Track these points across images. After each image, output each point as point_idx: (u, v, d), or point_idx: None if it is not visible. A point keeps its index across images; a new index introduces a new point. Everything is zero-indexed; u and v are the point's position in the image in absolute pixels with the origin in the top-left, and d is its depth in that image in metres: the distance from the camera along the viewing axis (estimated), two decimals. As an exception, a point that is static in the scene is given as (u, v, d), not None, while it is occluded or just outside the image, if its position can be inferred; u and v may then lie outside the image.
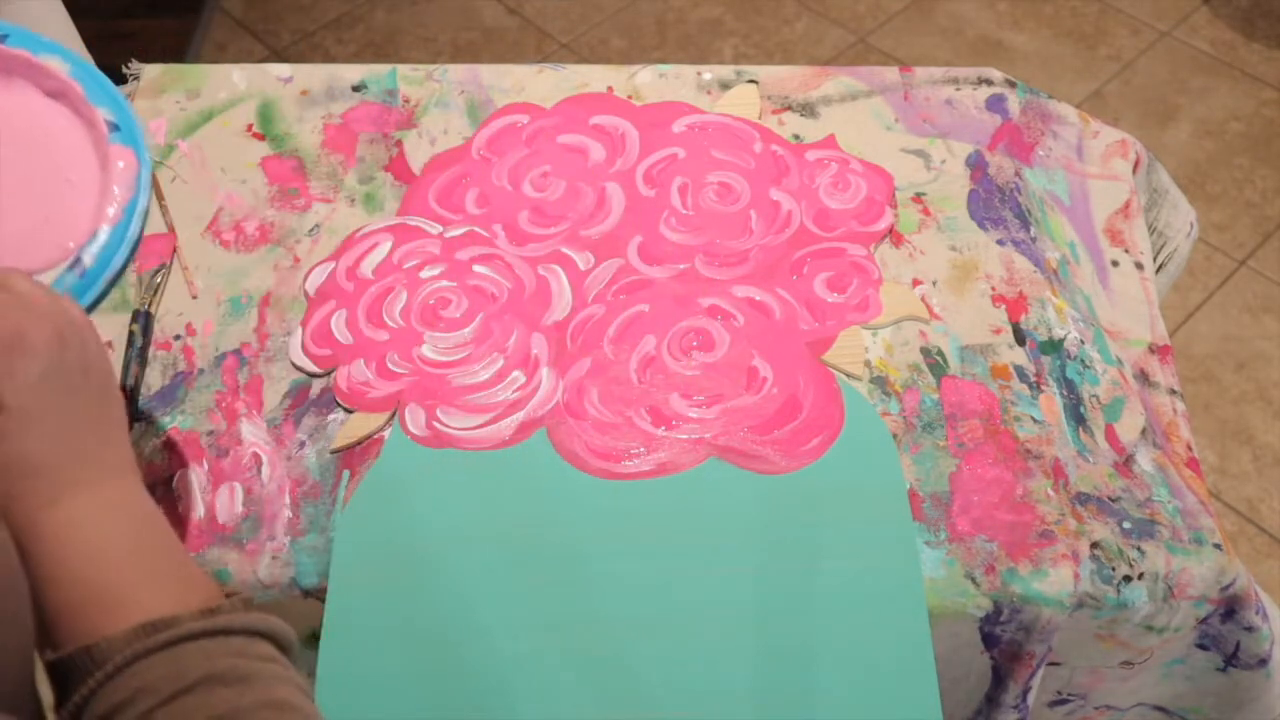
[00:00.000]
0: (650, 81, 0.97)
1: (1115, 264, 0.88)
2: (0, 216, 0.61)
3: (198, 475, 0.74)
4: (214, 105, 0.95)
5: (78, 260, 0.61)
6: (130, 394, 0.77)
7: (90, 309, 0.61)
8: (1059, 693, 0.78)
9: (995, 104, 0.96)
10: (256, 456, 0.75)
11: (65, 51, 0.66)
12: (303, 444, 0.75)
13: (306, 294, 0.83)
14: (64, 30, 0.94)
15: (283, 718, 0.43)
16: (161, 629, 0.43)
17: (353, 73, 0.98)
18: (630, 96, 0.96)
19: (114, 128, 0.64)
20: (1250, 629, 0.72)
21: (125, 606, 0.44)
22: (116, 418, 0.51)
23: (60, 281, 0.61)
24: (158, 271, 0.84)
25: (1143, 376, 0.82)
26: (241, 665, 0.44)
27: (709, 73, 0.97)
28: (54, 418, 0.47)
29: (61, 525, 0.46)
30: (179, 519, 0.72)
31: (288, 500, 0.73)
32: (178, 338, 0.81)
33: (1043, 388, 0.78)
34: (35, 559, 0.45)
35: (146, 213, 0.64)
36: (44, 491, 0.46)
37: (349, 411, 0.77)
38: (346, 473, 0.74)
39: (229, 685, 0.43)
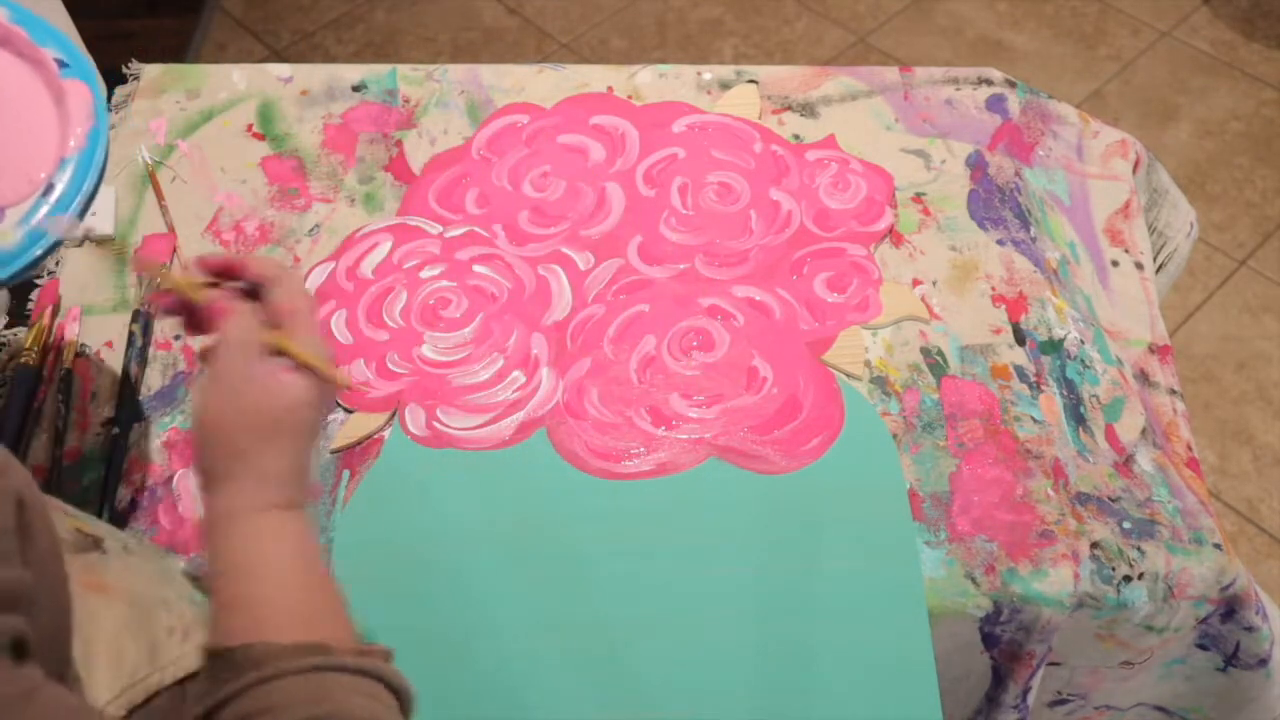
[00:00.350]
0: (650, 81, 0.97)
1: (1115, 264, 0.88)
2: None
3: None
4: (214, 105, 0.95)
5: (50, 188, 0.63)
6: (130, 394, 0.77)
7: (69, 233, 0.63)
8: (1059, 693, 0.78)
9: (995, 104, 0.96)
10: (256, 456, 0.74)
11: (6, 2, 0.67)
12: (303, 444, 0.75)
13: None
14: (64, 30, 0.94)
15: None
16: (317, 653, 0.46)
17: (353, 73, 0.98)
18: (630, 96, 0.96)
19: (63, 64, 0.66)
20: (1250, 629, 0.72)
21: (291, 624, 0.47)
22: (311, 467, 0.55)
23: (35, 210, 0.62)
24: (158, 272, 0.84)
25: (1143, 376, 0.82)
26: (370, 709, 0.46)
27: (709, 73, 0.97)
28: (304, 441, 0.53)
29: (267, 530, 0.50)
30: (179, 519, 0.72)
31: (288, 500, 0.73)
32: (177, 338, 0.81)
33: (1043, 388, 0.78)
34: (228, 549, 0.49)
35: (108, 137, 0.66)
36: (267, 496, 0.51)
37: (349, 411, 0.76)
38: (346, 473, 0.74)
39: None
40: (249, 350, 0.52)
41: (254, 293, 0.55)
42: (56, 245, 0.63)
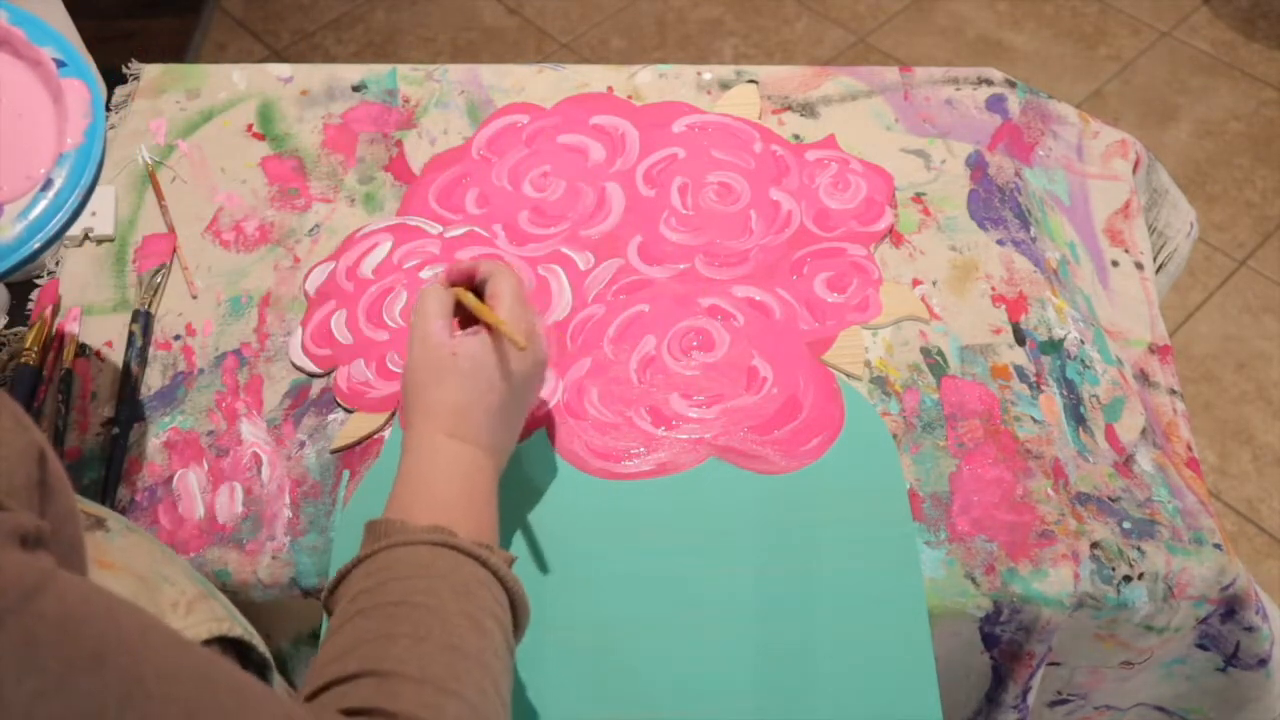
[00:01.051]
0: (650, 81, 0.97)
1: (1115, 264, 0.88)
2: None
3: (198, 475, 0.74)
4: (214, 105, 0.95)
5: (49, 182, 0.64)
6: (130, 394, 0.77)
7: (65, 229, 0.63)
8: (1059, 693, 0.78)
9: (995, 104, 0.96)
10: (256, 456, 0.75)
11: (4, 4, 0.68)
12: (303, 444, 0.75)
13: (306, 294, 0.83)
14: (64, 30, 0.94)
15: (476, 631, 0.52)
16: (440, 533, 0.56)
17: (353, 73, 0.98)
18: (630, 96, 0.96)
19: (60, 64, 0.67)
20: (1250, 629, 0.72)
21: (434, 515, 0.58)
22: (512, 437, 0.67)
23: (34, 204, 0.63)
24: (158, 271, 0.84)
25: (1143, 376, 0.82)
26: (469, 585, 0.54)
27: (709, 73, 0.97)
28: (496, 396, 0.64)
29: (428, 449, 0.62)
30: (179, 519, 0.72)
31: (288, 500, 0.73)
32: (178, 338, 0.81)
33: (1043, 388, 0.78)
34: (410, 460, 0.62)
35: (106, 135, 0.66)
36: (448, 427, 0.62)
37: (349, 411, 0.76)
38: (346, 473, 0.74)
39: (452, 589, 0.53)
40: (436, 313, 0.65)
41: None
42: (55, 240, 0.63)
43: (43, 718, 0.34)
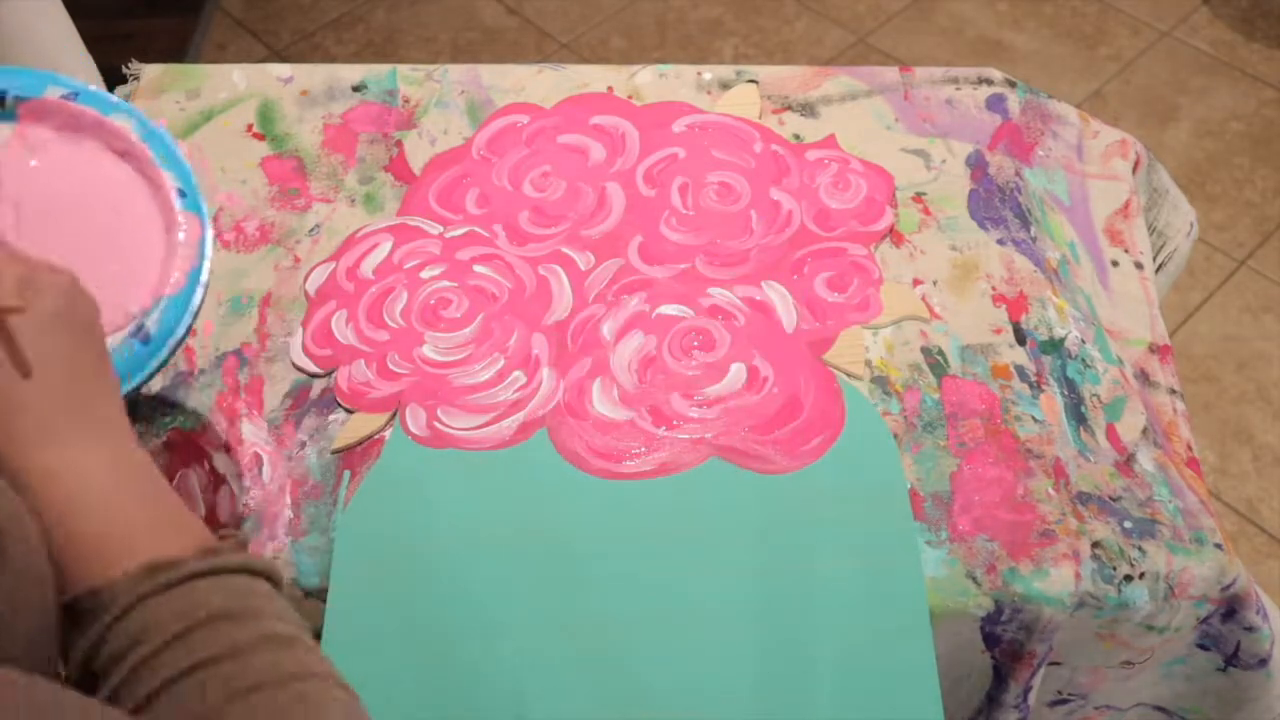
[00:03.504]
0: (650, 81, 0.97)
1: (1115, 264, 0.88)
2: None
3: (199, 475, 0.74)
4: (214, 105, 0.95)
5: (140, 327, 0.62)
6: (131, 394, 0.77)
7: (152, 375, 0.62)
8: (1059, 692, 0.78)
9: (995, 104, 0.96)
10: (257, 457, 0.75)
11: (133, 111, 0.66)
12: (303, 444, 0.75)
13: (307, 294, 0.83)
14: (64, 30, 0.94)
15: (289, 650, 0.45)
16: (165, 569, 0.45)
17: (353, 73, 0.98)
18: (630, 96, 0.96)
19: (180, 193, 0.65)
20: (1250, 629, 0.72)
21: (128, 551, 0.45)
22: (112, 377, 0.52)
23: (125, 348, 0.61)
24: (158, 272, 0.84)
25: (1143, 376, 0.82)
26: (245, 602, 0.46)
27: (709, 73, 0.97)
28: (56, 364, 0.48)
29: (56, 465, 0.47)
30: (180, 519, 0.72)
31: (289, 500, 0.73)
32: (178, 338, 0.81)
33: (1043, 387, 0.78)
34: (39, 502, 0.46)
35: (208, 283, 0.64)
36: (38, 429, 0.47)
37: (350, 412, 0.76)
38: (347, 473, 0.74)
39: (233, 620, 0.44)
40: None
41: None
42: (136, 390, 0.61)
43: None
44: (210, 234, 0.65)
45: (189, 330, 0.63)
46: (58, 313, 0.49)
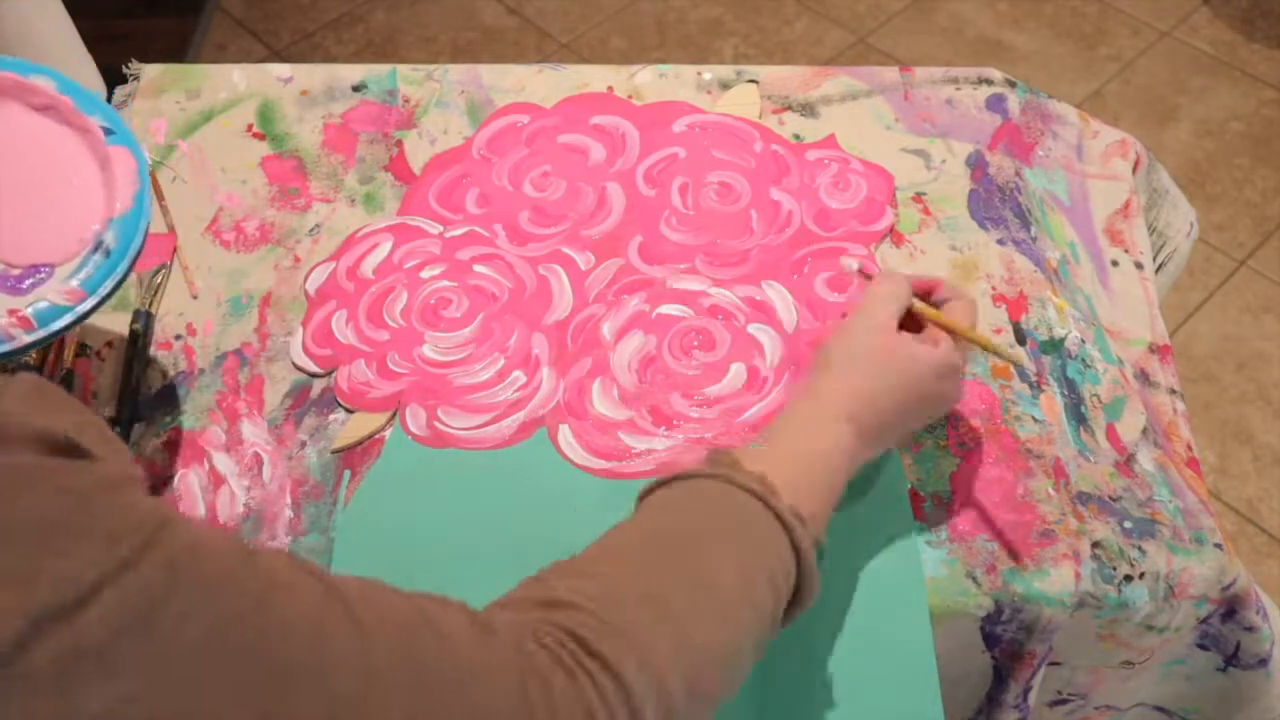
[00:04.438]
0: (650, 81, 0.97)
1: (1115, 264, 0.88)
2: (13, 219, 0.64)
3: (199, 475, 0.74)
4: (214, 105, 0.95)
5: (99, 243, 0.64)
6: (131, 394, 0.77)
7: (115, 290, 0.64)
8: (1059, 692, 0.78)
9: (995, 104, 0.96)
10: (257, 456, 0.75)
11: (52, 72, 0.69)
12: (304, 444, 0.75)
13: (307, 294, 0.83)
14: (64, 30, 0.94)
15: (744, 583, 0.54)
16: (765, 487, 0.56)
17: (353, 73, 0.98)
18: (630, 96, 0.96)
19: (109, 132, 0.68)
20: (1250, 629, 0.72)
21: (774, 476, 0.57)
22: (898, 437, 0.69)
23: (87, 263, 0.64)
24: (158, 271, 0.84)
25: (1143, 376, 0.82)
26: (762, 541, 0.56)
27: (709, 73, 0.97)
28: (906, 393, 0.65)
29: (834, 433, 0.62)
30: (180, 519, 0.72)
31: (289, 500, 0.73)
32: (178, 338, 0.81)
33: (1043, 387, 0.78)
34: (799, 433, 0.62)
35: (152, 199, 0.67)
36: (835, 408, 0.62)
37: (350, 411, 0.76)
38: (347, 473, 0.74)
39: (741, 544, 0.55)
40: (890, 299, 0.65)
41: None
42: (105, 300, 0.64)
43: (190, 633, 0.37)
44: (147, 158, 0.68)
45: (142, 246, 0.66)
46: (957, 384, 0.67)
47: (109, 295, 0.64)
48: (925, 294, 0.69)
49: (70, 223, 0.65)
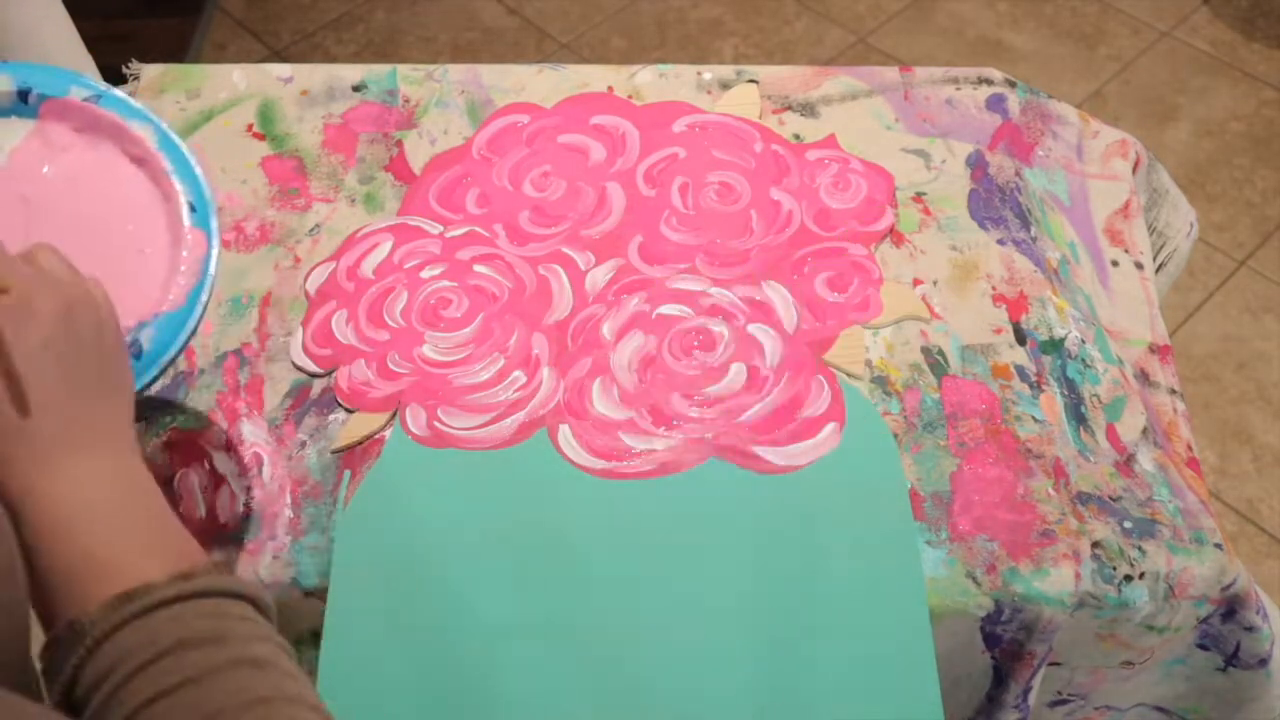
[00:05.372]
0: (650, 81, 0.97)
1: (1115, 264, 0.88)
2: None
3: (199, 475, 0.74)
4: (214, 105, 0.95)
5: (134, 342, 0.61)
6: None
7: (143, 391, 0.60)
8: (1059, 693, 0.78)
9: (995, 104, 0.96)
10: (257, 456, 0.75)
11: (152, 117, 0.66)
12: (304, 444, 0.75)
13: (307, 294, 0.83)
14: (64, 30, 0.94)
15: (259, 674, 0.44)
16: (137, 598, 0.45)
17: (353, 73, 0.98)
18: (630, 96, 0.96)
19: (190, 207, 0.64)
20: (1251, 629, 0.72)
21: (109, 576, 0.46)
22: (122, 392, 0.52)
23: None
24: (158, 271, 0.84)
25: (1143, 376, 0.82)
26: (215, 626, 0.45)
27: (709, 73, 0.97)
28: (51, 385, 0.48)
29: (49, 490, 0.47)
30: (180, 519, 0.72)
31: (289, 500, 0.73)
32: (178, 338, 0.81)
33: (1043, 387, 0.78)
34: (24, 524, 0.46)
35: (208, 303, 0.63)
36: (33, 455, 0.47)
37: (350, 411, 0.76)
38: (347, 473, 0.74)
39: (201, 647, 0.44)
40: None
41: None
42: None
43: None
44: (216, 253, 0.64)
45: (183, 349, 0.62)
46: (47, 342, 0.48)
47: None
48: None
49: (120, 303, 0.58)
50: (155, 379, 0.61)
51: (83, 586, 0.45)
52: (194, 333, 0.63)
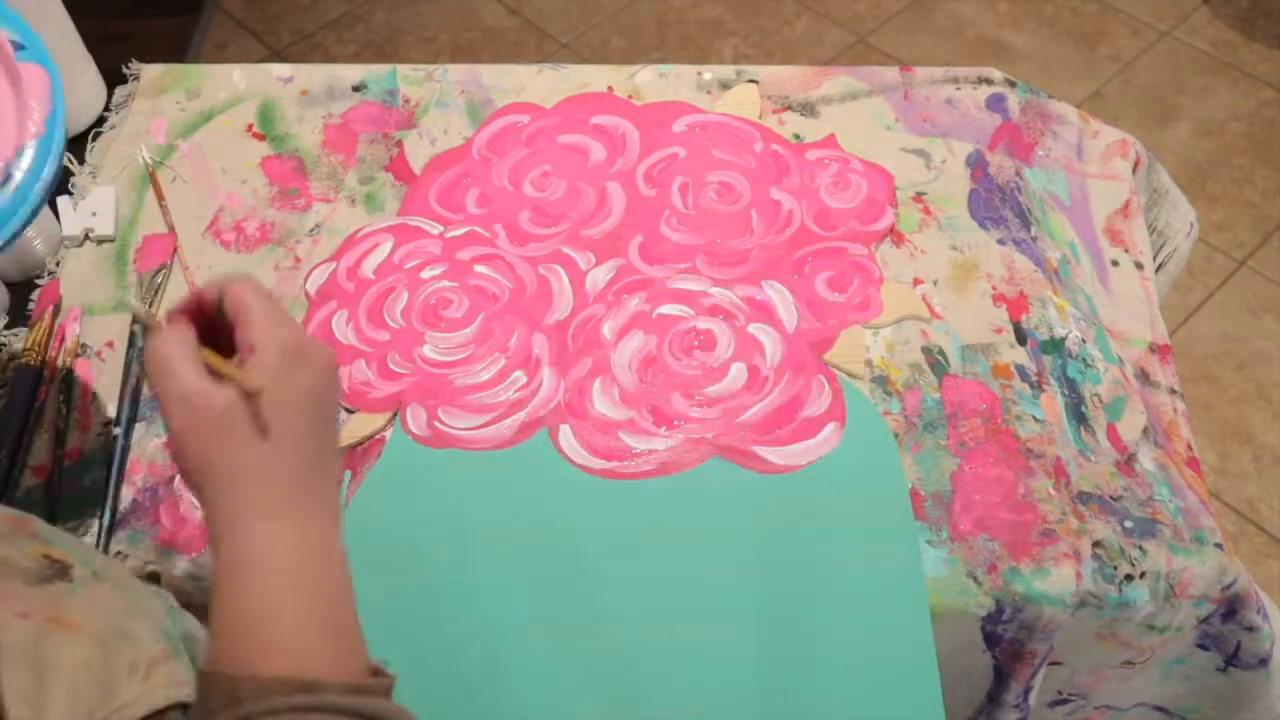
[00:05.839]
0: (650, 81, 0.97)
1: (1115, 264, 0.88)
2: None
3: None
4: (214, 105, 0.95)
5: (9, 177, 0.60)
6: (132, 394, 0.77)
7: (26, 224, 0.61)
8: (1060, 692, 0.78)
9: (995, 104, 0.96)
10: (257, 456, 0.74)
11: None
12: (304, 444, 0.75)
13: (307, 294, 0.83)
14: (64, 30, 0.94)
15: None
16: (306, 690, 0.44)
17: (353, 73, 0.98)
18: (630, 96, 0.96)
19: (19, 46, 0.63)
20: (1251, 629, 0.72)
21: (284, 651, 0.45)
22: (336, 462, 0.52)
23: None
24: (158, 271, 0.84)
25: (1143, 376, 0.82)
26: None
27: (709, 73, 0.97)
28: (299, 437, 0.48)
29: (262, 541, 0.47)
30: (180, 519, 0.72)
31: (289, 500, 0.72)
32: (178, 338, 0.81)
33: (1044, 387, 0.78)
34: (225, 566, 0.46)
35: (65, 123, 0.63)
36: (262, 502, 0.47)
37: (350, 412, 0.76)
38: (348, 473, 0.74)
39: None
40: (182, 357, 0.48)
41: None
42: (15, 237, 0.60)
43: None
44: (59, 76, 0.63)
45: (58, 174, 0.62)
46: (313, 388, 0.49)
47: (18, 232, 0.59)
48: (200, 310, 0.51)
49: None
50: (39, 206, 0.61)
51: (256, 649, 0.45)
52: (62, 155, 0.62)
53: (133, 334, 0.80)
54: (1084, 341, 0.81)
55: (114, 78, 0.97)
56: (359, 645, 0.48)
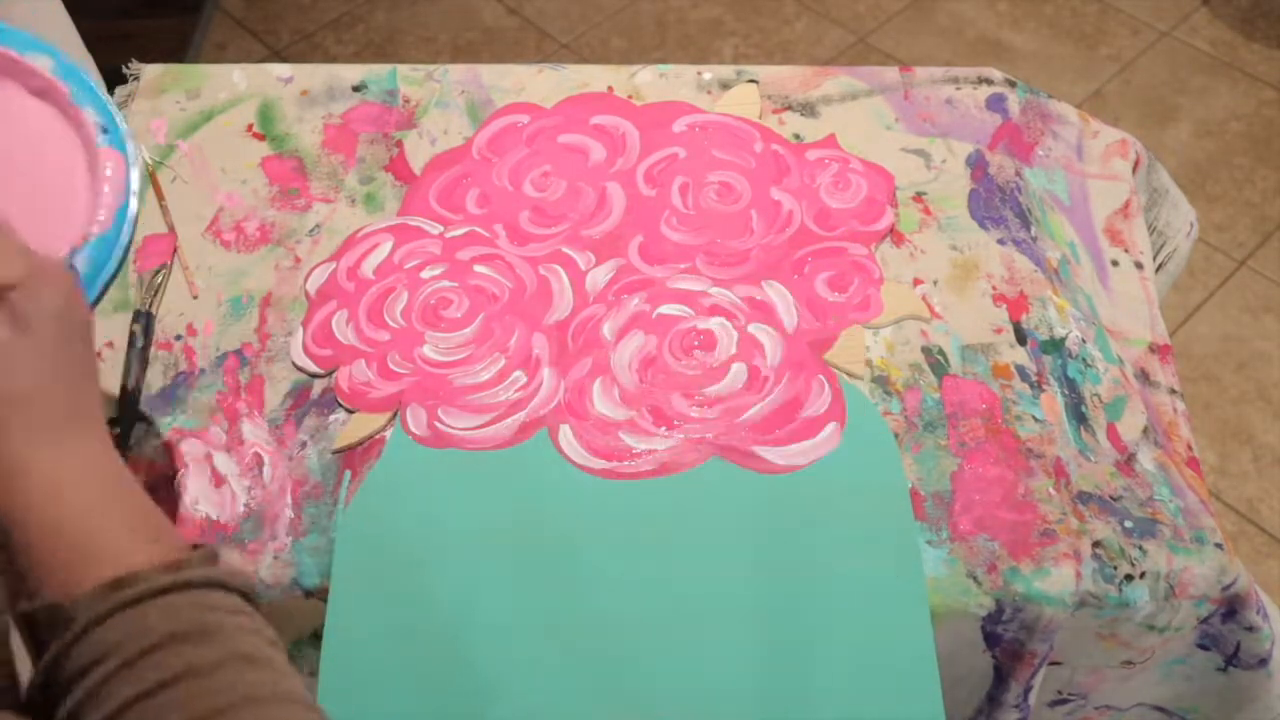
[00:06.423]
0: (650, 81, 0.97)
1: (1115, 264, 0.88)
2: None
3: (199, 475, 0.74)
4: (214, 105, 0.95)
5: (70, 268, 0.59)
6: (132, 394, 0.77)
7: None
8: (1059, 692, 0.78)
9: (995, 104, 0.96)
10: (258, 456, 0.75)
11: (52, 50, 0.64)
12: (304, 444, 0.75)
13: (307, 294, 0.83)
14: (64, 30, 0.94)
15: (252, 670, 0.43)
16: (126, 585, 0.43)
17: (353, 73, 0.98)
18: (630, 96, 0.96)
19: (102, 130, 0.63)
20: (1251, 629, 0.72)
21: (97, 560, 0.44)
22: (96, 375, 0.52)
23: None
24: (158, 271, 0.84)
25: (1143, 376, 0.82)
26: (208, 619, 0.44)
27: (709, 73, 0.97)
28: (58, 356, 0.48)
29: (41, 463, 0.46)
30: (180, 519, 0.72)
31: (289, 500, 0.73)
32: (179, 338, 0.81)
33: (1044, 387, 0.78)
34: (10, 495, 0.45)
35: (136, 218, 0.62)
36: (33, 428, 0.46)
37: (350, 412, 0.76)
38: (348, 473, 0.74)
39: (194, 641, 0.43)
40: None
41: None
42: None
43: None
44: (136, 170, 0.63)
45: (119, 268, 0.61)
46: (58, 312, 0.48)
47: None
48: None
49: (44, 232, 0.58)
50: (96, 301, 0.60)
51: (66, 568, 0.44)
52: (126, 251, 0.61)
53: (133, 334, 0.80)
54: (1084, 341, 0.81)
55: (114, 78, 0.97)
56: (171, 535, 0.48)
